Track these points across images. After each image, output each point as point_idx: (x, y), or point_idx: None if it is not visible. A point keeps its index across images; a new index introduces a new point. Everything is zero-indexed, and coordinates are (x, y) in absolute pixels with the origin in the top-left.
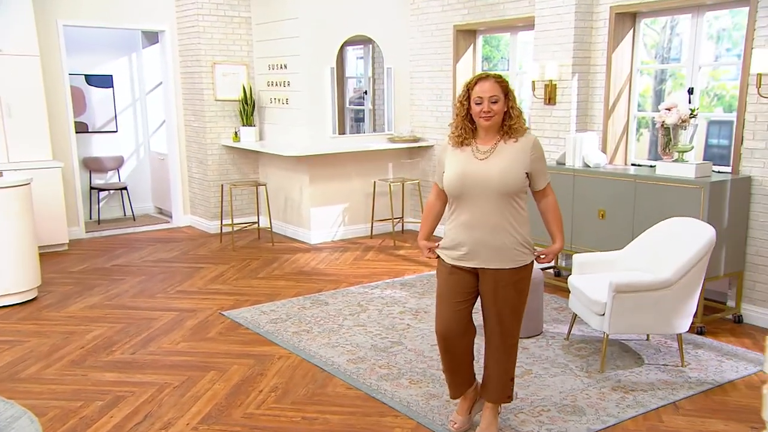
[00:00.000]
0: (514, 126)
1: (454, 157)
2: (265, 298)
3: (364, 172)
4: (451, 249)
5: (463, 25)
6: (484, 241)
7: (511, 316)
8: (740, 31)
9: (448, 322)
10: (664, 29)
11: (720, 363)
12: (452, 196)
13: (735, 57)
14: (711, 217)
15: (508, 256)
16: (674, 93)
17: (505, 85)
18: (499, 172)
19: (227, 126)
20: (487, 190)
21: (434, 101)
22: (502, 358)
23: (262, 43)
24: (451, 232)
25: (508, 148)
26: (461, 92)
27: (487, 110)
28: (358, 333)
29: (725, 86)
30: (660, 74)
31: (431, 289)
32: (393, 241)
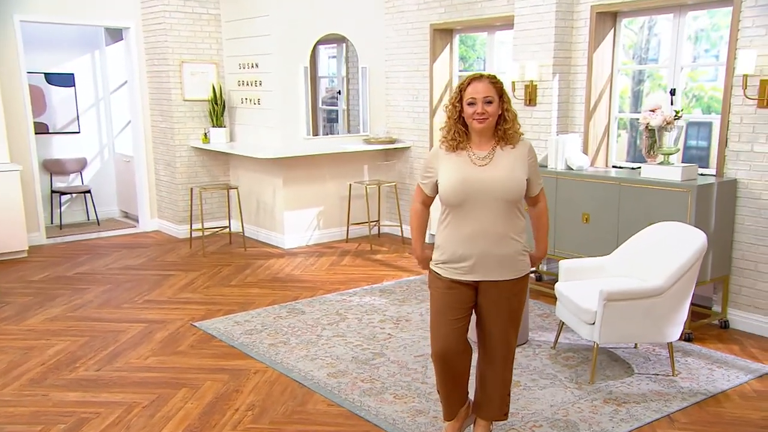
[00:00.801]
0: (509, 131)
1: (450, 163)
2: (239, 307)
3: (339, 175)
4: (451, 263)
5: (440, 24)
6: (489, 252)
7: (511, 329)
8: (718, 32)
9: (447, 341)
10: (641, 29)
11: (711, 371)
12: (450, 205)
13: (713, 58)
14: (698, 221)
15: (512, 266)
16: (652, 94)
17: (500, 86)
18: (503, 179)
19: (196, 127)
20: (491, 198)
21: (410, 102)
22: (501, 373)
23: (233, 42)
24: (448, 244)
25: (507, 155)
26: (453, 94)
27: (481, 112)
28: (338, 344)
29: (703, 87)
30: (638, 75)
31: (411, 296)
32: (370, 245)
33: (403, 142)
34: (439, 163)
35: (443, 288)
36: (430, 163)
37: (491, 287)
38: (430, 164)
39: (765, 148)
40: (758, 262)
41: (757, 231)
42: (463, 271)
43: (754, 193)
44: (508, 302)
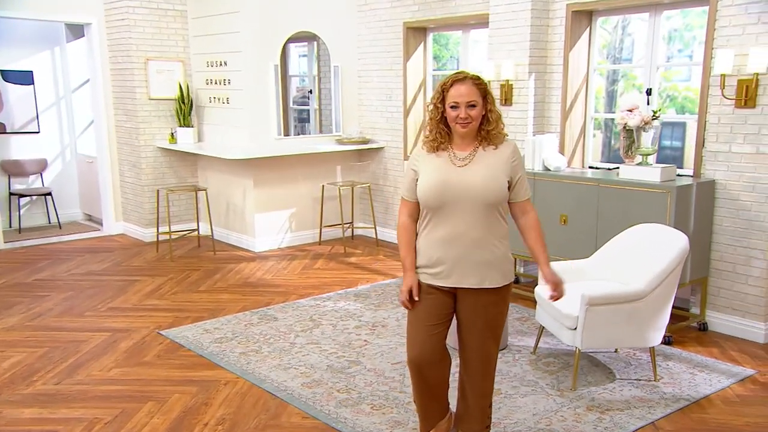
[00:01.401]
0: (492, 132)
1: (430, 164)
2: (208, 314)
3: (311, 176)
4: (428, 267)
5: (414, 22)
6: (465, 257)
7: (491, 339)
8: (691, 32)
9: (423, 348)
10: (615, 29)
11: (692, 376)
12: (429, 208)
13: (687, 58)
14: (677, 223)
15: (491, 273)
16: (627, 94)
17: (483, 87)
18: (482, 179)
19: (162, 127)
20: (469, 200)
21: (384, 101)
22: (482, 384)
23: (200, 39)
24: (426, 248)
25: (488, 155)
26: (435, 94)
27: (465, 117)
28: (312, 352)
29: (677, 87)
30: (612, 75)
31: (387, 300)
32: (343, 247)
33: (377, 142)
34: (419, 164)
35: (421, 293)
36: (411, 165)
37: (468, 295)
38: (411, 166)
39: (743, 149)
40: (736, 264)
41: (735, 232)
42: (439, 276)
43: (732, 194)
44: (484, 311)
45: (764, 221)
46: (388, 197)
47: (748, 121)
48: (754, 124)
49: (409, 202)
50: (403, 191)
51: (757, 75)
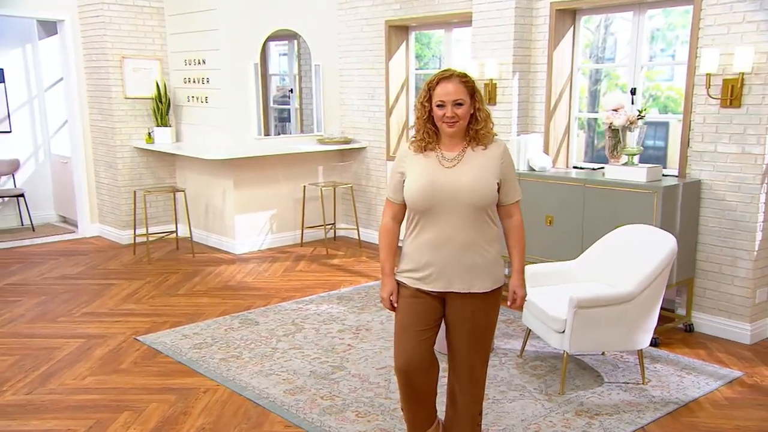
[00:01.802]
0: (481, 131)
1: (418, 164)
2: (187, 318)
3: (292, 176)
4: (415, 271)
5: (396, 20)
6: (453, 261)
7: (481, 344)
8: (674, 31)
9: (410, 354)
10: (598, 28)
11: (680, 379)
12: (417, 211)
13: (669, 57)
14: (664, 223)
15: (480, 277)
16: (609, 93)
17: (471, 85)
18: (470, 181)
19: (139, 126)
20: (458, 202)
21: (366, 101)
22: (472, 390)
23: (177, 36)
24: (413, 252)
25: (477, 156)
26: (422, 92)
27: (451, 116)
28: (295, 357)
29: (660, 87)
30: (595, 74)
31: (371, 303)
32: (325, 249)
33: (359, 142)
34: (406, 165)
35: (408, 297)
36: (398, 166)
37: (456, 299)
38: (397, 167)
39: (728, 149)
40: (722, 264)
41: (720, 233)
42: (426, 280)
43: (718, 195)
44: (474, 316)
45: (750, 221)
46: (371, 198)
47: (734, 121)
48: (740, 123)
49: (394, 204)
50: (388, 192)
51: (742, 74)
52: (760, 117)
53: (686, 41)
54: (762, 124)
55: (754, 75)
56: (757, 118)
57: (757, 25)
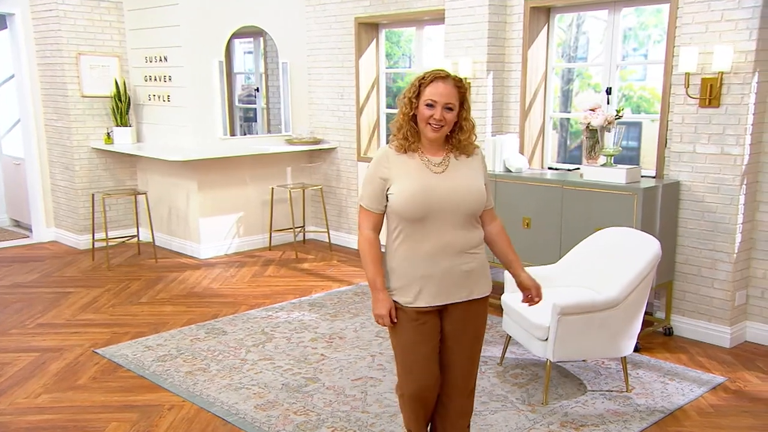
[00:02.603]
0: (464, 142)
1: (405, 167)
2: (150, 328)
3: (259, 178)
4: (412, 288)
5: (366, 17)
6: (451, 270)
7: (478, 354)
8: (646, 30)
9: (425, 379)
10: (570, 27)
11: (664, 385)
12: (408, 220)
13: (642, 57)
14: (644, 226)
15: (478, 282)
16: (582, 93)
17: (463, 92)
18: (464, 187)
19: (97, 126)
20: (452, 209)
21: (335, 100)
22: (464, 403)
23: (137, 32)
24: (403, 267)
25: (462, 163)
26: (410, 87)
27: (439, 119)
28: (265, 369)
29: (632, 86)
30: (567, 74)
31: (344, 309)
32: (295, 252)
33: (329, 142)
34: (391, 170)
35: (408, 321)
36: (378, 171)
37: (456, 310)
38: (378, 172)
39: (707, 149)
40: (702, 267)
41: (700, 234)
42: (423, 295)
43: (697, 196)
44: (474, 325)
45: (729, 223)
46: (341, 200)
47: (713, 121)
48: (719, 123)
49: (372, 214)
50: (366, 201)
51: (721, 74)
52: (739, 117)
53: (659, 40)
54: (741, 124)
55: (733, 74)
56: (736, 118)
57: (735, 23)
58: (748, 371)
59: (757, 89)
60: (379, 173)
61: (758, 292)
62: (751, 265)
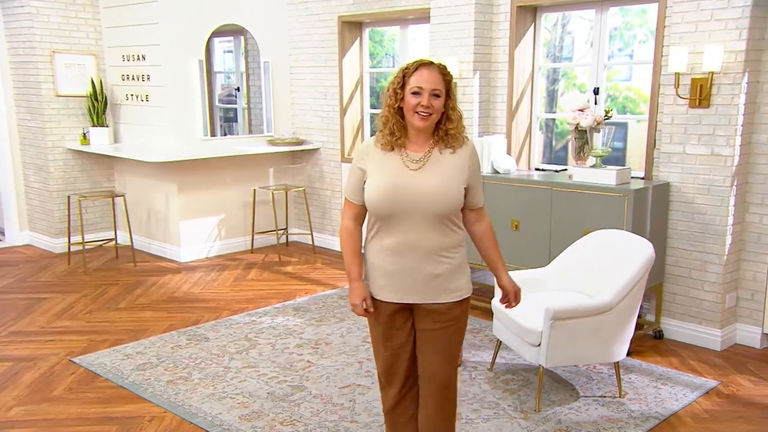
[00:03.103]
0: (451, 132)
1: (381, 164)
2: (129, 335)
3: (241, 179)
4: (376, 281)
5: (349, 16)
6: (417, 269)
7: (450, 362)
8: (631, 31)
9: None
10: (555, 27)
11: (657, 390)
12: (377, 216)
13: (627, 57)
14: (635, 228)
15: (443, 288)
16: (567, 93)
17: (449, 79)
18: (435, 187)
19: (73, 126)
20: (421, 208)
21: (318, 100)
22: (441, 416)
23: (114, 30)
24: (375, 260)
25: (444, 159)
26: (395, 77)
27: (427, 105)
28: (250, 377)
29: (618, 87)
30: (552, 74)
31: (329, 314)
32: (278, 255)
33: (312, 143)
34: (368, 162)
35: (378, 312)
36: (359, 161)
37: (423, 312)
38: (358, 162)
39: (697, 150)
40: (692, 269)
41: (690, 236)
42: (387, 291)
43: (687, 197)
44: (443, 331)
45: (720, 225)
46: (325, 201)
47: (703, 122)
48: (708, 124)
49: (354, 205)
50: (348, 192)
51: (711, 74)
52: (729, 117)
53: (644, 41)
54: (731, 125)
55: (723, 74)
56: (727, 118)
57: (725, 23)
58: (740, 375)
59: (746, 89)
60: (359, 164)
61: (748, 294)
62: (740, 266)
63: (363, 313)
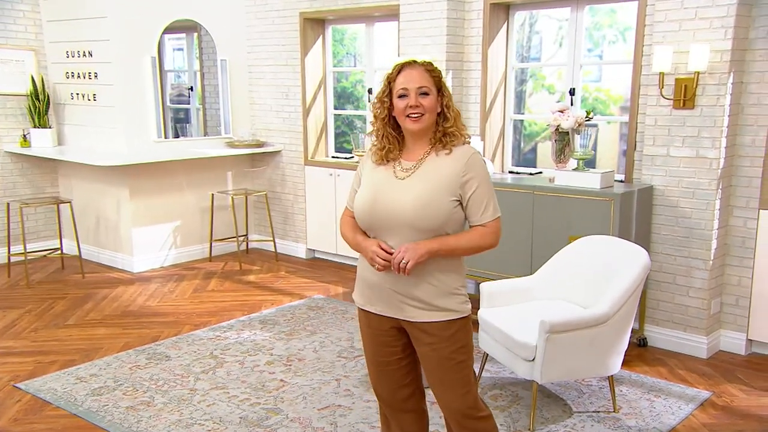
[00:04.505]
0: (449, 130)
1: (371, 176)
2: (81, 356)
3: (198, 183)
4: (359, 288)
5: (312, 12)
6: (392, 285)
7: (452, 388)
8: (600, 31)
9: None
10: (522, 27)
11: (651, 403)
12: (362, 228)
13: (596, 57)
14: (621, 233)
15: (422, 309)
16: (536, 94)
17: (437, 75)
18: (415, 200)
19: (11, 127)
20: (400, 223)
21: (280, 100)
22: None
23: (57, 24)
24: (360, 268)
25: (437, 164)
26: (381, 87)
27: (415, 104)
28: (219, 400)
29: (588, 88)
30: (520, 74)
31: (299, 326)
32: (239, 264)
33: (273, 145)
34: (363, 173)
35: (363, 321)
36: (358, 169)
37: (411, 328)
38: (358, 170)
39: (681, 152)
40: (676, 275)
41: (674, 241)
42: (367, 301)
43: (671, 201)
44: (436, 349)
45: (705, 229)
46: (288, 206)
47: (687, 123)
48: (693, 126)
49: (350, 211)
50: (348, 199)
51: (698, 73)
52: (714, 119)
53: (614, 41)
54: (717, 127)
55: (708, 75)
56: (712, 120)
57: (710, 21)
58: (730, 384)
59: (732, 90)
60: (358, 171)
61: (732, 300)
62: (725, 271)
63: (385, 256)
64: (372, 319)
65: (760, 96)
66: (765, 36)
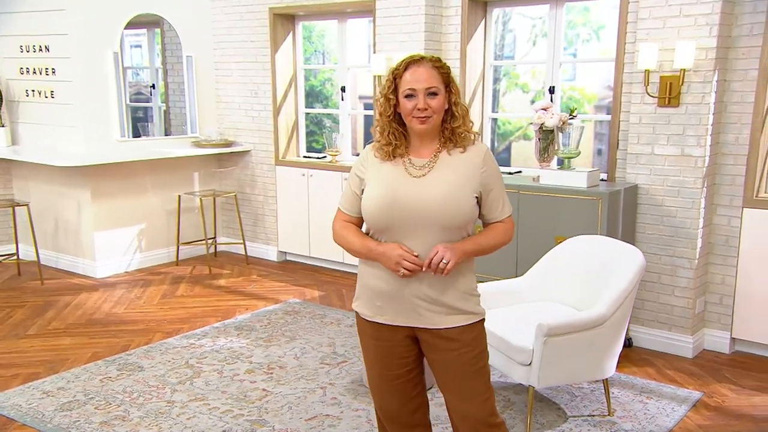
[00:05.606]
0: (458, 129)
1: (380, 172)
2: (46, 368)
3: (164, 185)
4: (370, 301)
5: (281, 8)
6: (412, 291)
7: (471, 398)
8: (574, 29)
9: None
10: (496, 24)
11: (644, 405)
12: (374, 229)
13: (570, 56)
14: (608, 232)
15: (444, 312)
16: (509, 93)
17: (446, 72)
18: (442, 196)
19: None
20: (424, 221)
21: (248, 98)
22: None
23: (9, 16)
24: (368, 278)
25: (453, 162)
26: (386, 82)
27: (423, 107)
28: (200, 412)
29: (562, 87)
30: (494, 73)
31: (277, 332)
32: (208, 267)
33: (242, 144)
34: (367, 170)
35: (368, 335)
36: (357, 168)
37: (426, 336)
38: (356, 169)
39: (666, 151)
40: (661, 274)
41: (659, 240)
42: (382, 312)
43: (656, 200)
44: (455, 357)
45: (690, 228)
46: (258, 207)
47: (672, 121)
48: (678, 124)
49: (345, 216)
50: (342, 201)
51: (683, 71)
52: (699, 117)
53: (588, 39)
54: (702, 125)
55: (693, 72)
56: (697, 117)
57: (694, 19)
58: (719, 383)
59: (716, 88)
60: (357, 170)
61: (716, 299)
62: (709, 270)
63: (414, 260)
64: (383, 331)
65: (743, 94)
66: (748, 34)
